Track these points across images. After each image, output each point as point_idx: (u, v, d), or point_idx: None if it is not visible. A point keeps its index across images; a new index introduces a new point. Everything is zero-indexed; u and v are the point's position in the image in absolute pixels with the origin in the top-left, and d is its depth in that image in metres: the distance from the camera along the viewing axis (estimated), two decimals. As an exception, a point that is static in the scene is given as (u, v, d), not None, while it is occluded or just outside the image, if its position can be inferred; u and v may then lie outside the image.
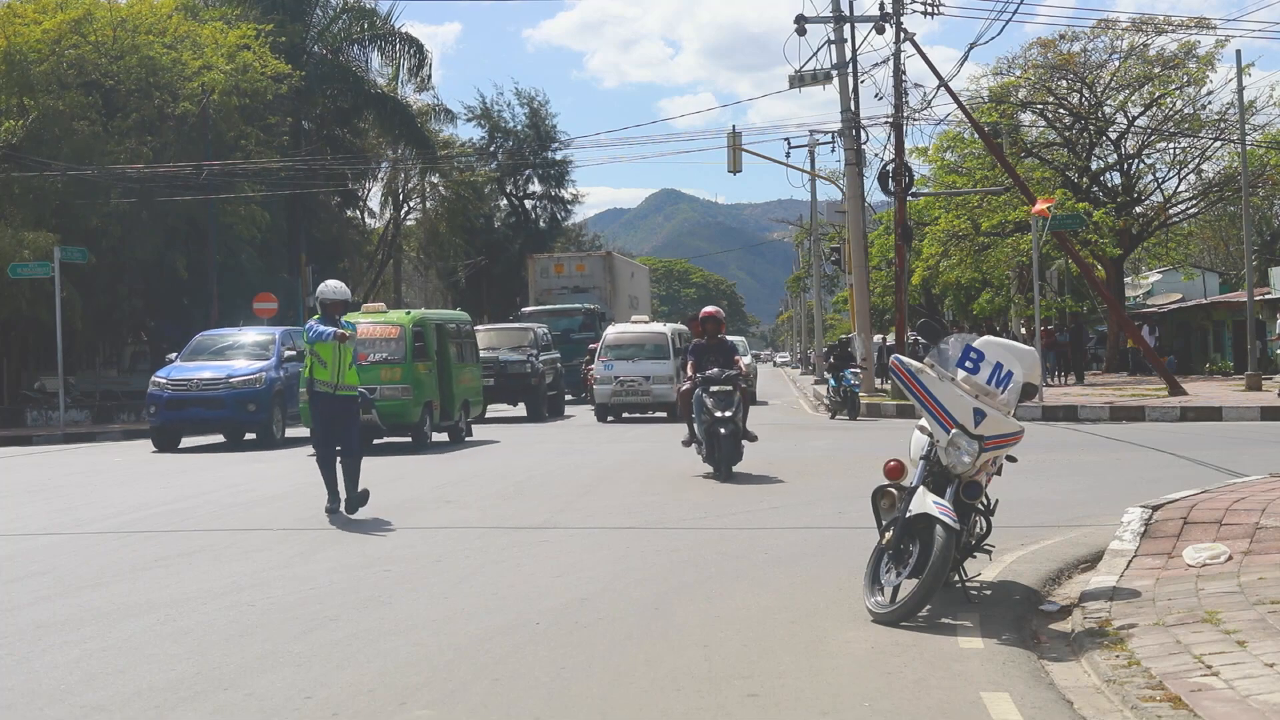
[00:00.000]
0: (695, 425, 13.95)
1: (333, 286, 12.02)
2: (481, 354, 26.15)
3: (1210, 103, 39.21)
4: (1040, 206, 24.89)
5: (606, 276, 41.52)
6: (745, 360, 19.07)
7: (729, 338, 14.65)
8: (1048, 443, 17.02)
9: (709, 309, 14.80)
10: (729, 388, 13.73)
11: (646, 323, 29.81)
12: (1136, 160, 41.84)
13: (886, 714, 5.20)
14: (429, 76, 47.65)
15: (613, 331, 28.49)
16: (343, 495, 11.59)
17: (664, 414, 26.41)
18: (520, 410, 28.53)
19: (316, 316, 11.95)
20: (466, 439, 21.36)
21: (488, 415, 26.86)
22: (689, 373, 14.00)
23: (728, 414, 13.54)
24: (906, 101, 29.75)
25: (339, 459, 11.63)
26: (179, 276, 34.14)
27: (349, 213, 50.34)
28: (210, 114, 34.08)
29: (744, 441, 13.93)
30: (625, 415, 27.14)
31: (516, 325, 32.93)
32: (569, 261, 43.51)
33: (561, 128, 71.76)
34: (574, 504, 12.34)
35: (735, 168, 33.60)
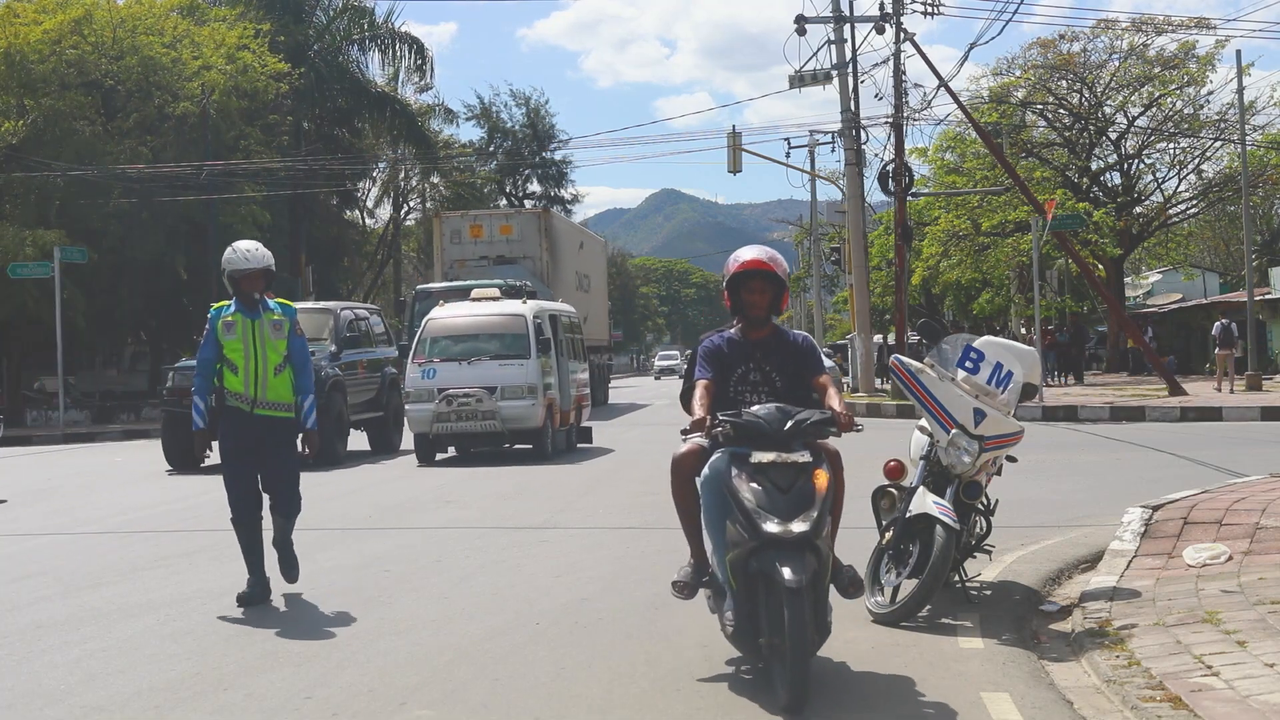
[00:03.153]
0: (709, 544, 5.82)
1: (244, 249, 7.95)
2: None
3: (1210, 103, 39.27)
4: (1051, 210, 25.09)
5: (542, 242, 30.79)
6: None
7: (795, 332, 6.28)
8: (1048, 443, 17.01)
9: (750, 254, 6.09)
10: (801, 459, 5.45)
11: (495, 299, 18.85)
12: (1136, 160, 41.85)
13: (887, 714, 5.19)
14: (430, 75, 47.71)
15: (439, 315, 18.42)
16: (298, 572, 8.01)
17: (528, 446, 17.89)
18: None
19: (220, 305, 8.04)
20: None
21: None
22: (696, 410, 5.77)
23: (798, 528, 5.25)
24: (906, 101, 29.78)
25: (270, 509, 7.92)
26: (179, 276, 34.16)
27: (348, 213, 50.33)
28: (210, 114, 34.10)
29: (838, 595, 5.79)
30: (475, 450, 18.17)
31: (313, 306, 20.72)
32: (490, 221, 31.96)
33: (559, 127, 71.81)
34: (574, 504, 12.34)
35: (735, 168, 33.63)
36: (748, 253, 6.10)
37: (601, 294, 38.03)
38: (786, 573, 5.14)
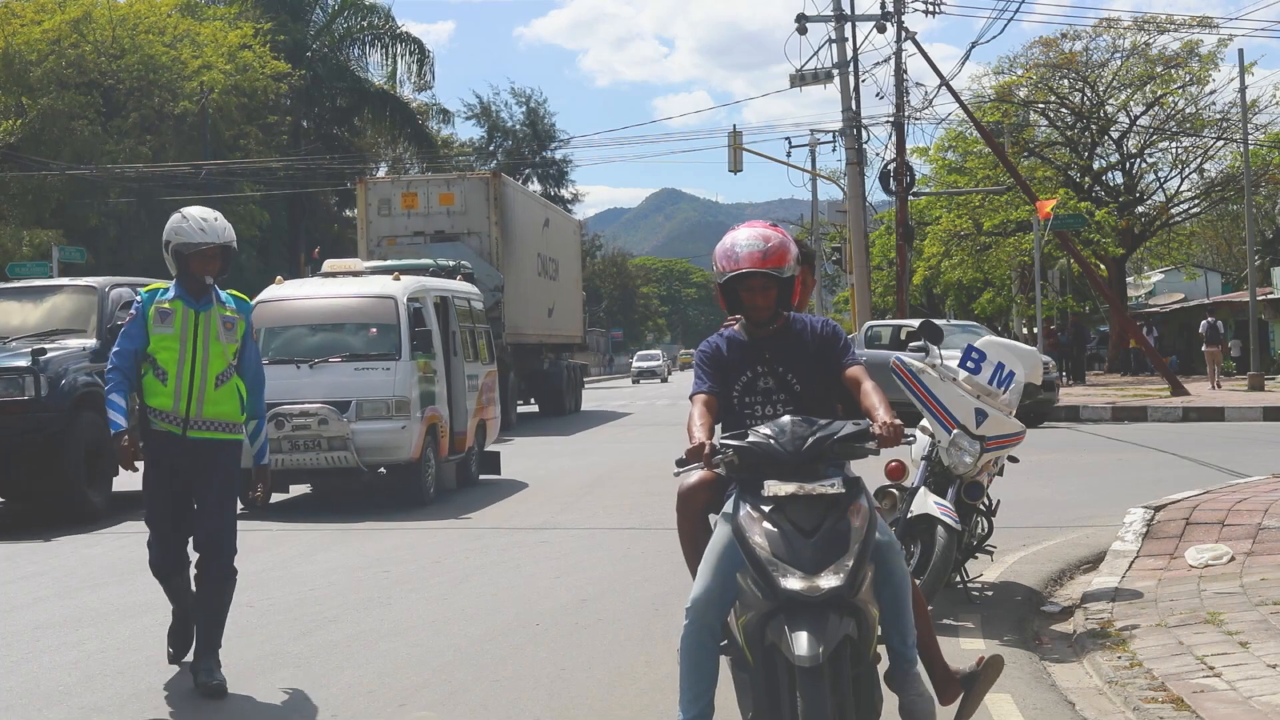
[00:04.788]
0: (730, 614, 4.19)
1: (199, 218, 6.12)
2: None
3: (1213, 102, 39.25)
4: (1044, 209, 24.97)
5: (492, 214, 24.24)
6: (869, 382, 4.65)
7: (814, 318, 4.77)
8: (1050, 443, 16.98)
9: (744, 248, 4.53)
10: (831, 489, 4.00)
11: (357, 274, 13.88)
12: (1139, 159, 41.83)
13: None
14: (430, 75, 47.66)
15: (272, 296, 13.11)
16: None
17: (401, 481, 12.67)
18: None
19: (155, 287, 6.18)
20: None
21: None
22: (695, 432, 4.40)
23: (827, 584, 3.88)
24: (908, 100, 29.81)
25: (196, 569, 5.93)
26: (179, 276, 34.17)
27: (348, 212, 50.32)
28: (210, 113, 34.10)
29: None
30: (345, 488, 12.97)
31: (69, 283, 13.77)
32: (428, 188, 25.04)
33: (558, 127, 71.95)
34: (574, 504, 12.32)
35: (736, 167, 33.63)
36: (742, 245, 4.54)
37: (573, 283, 31.85)
38: (799, 644, 3.82)
